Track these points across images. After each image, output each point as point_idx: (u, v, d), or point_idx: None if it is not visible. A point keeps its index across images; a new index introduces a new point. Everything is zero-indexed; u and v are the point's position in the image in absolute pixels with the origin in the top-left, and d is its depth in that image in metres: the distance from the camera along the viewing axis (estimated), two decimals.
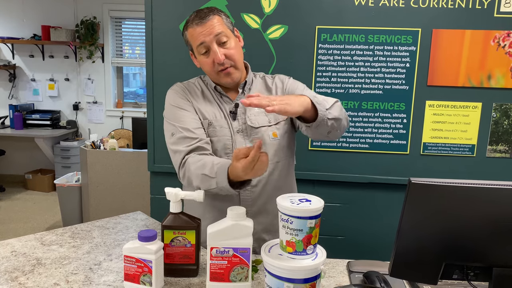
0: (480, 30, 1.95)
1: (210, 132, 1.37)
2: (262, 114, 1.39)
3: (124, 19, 5.17)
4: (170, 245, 1.16)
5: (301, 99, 1.13)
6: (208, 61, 1.34)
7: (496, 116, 2.01)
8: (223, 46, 1.32)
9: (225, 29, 1.33)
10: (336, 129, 1.25)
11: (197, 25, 1.31)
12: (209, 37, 1.31)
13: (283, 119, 1.41)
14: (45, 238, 1.43)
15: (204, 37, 1.31)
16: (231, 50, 1.33)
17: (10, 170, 5.31)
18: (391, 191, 2.05)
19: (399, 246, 0.95)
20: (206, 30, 1.30)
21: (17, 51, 5.21)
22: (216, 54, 1.31)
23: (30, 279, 1.15)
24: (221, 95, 1.42)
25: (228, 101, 1.41)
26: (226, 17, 1.37)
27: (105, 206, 3.37)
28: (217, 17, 1.33)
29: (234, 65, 1.35)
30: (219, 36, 1.31)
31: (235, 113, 1.38)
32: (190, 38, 1.35)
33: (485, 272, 0.95)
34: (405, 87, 2.02)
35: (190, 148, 1.31)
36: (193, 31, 1.33)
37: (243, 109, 1.39)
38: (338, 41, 2.01)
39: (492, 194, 0.88)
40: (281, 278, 0.96)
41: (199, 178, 1.25)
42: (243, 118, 1.38)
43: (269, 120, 1.39)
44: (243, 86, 1.42)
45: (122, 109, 5.26)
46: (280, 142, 1.39)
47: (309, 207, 0.96)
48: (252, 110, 1.39)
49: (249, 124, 1.37)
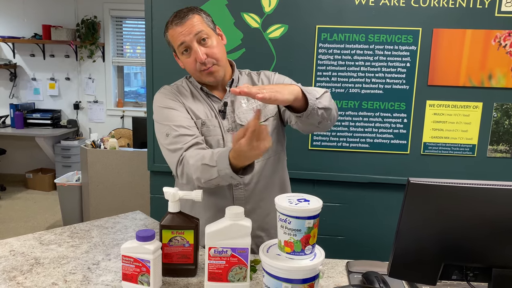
0: (481, 29, 1.94)
1: (204, 132, 1.36)
2: (251, 112, 1.38)
3: (125, 18, 5.17)
4: (168, 245, 1.16)
5: (290, 87, 1.12)
6: (190, 61, 1.32)
7: (497, 116, 2.00)
8: (204, 45, 1.31)
9: (206, 28, 1.32)
10: (326, 119, 1.24)
11: (176, 25, 1.30)
12: (189, 37, 1.29)
13: (272, 114, 1.40)
14: (44, 237, 1.43)
15: (184, 37, 1.30)
16: (212, 48, 1.32)
17: (10, 169, 5.31)
18: (391, 191, 2.05)
19: (398, 246, 0.94)
20: (185, 30, 1.29)
21: (18, 50, 5.21)
22: (197, 53, 1.29)
23: (28, 279, 1.15)
24: (207, 95, 1.40)
25: (216, 100, 1.40)
26: (207, 16, 1.36)
27: (105, 205, 3.37)
28: (197, 16, 1.32)
29: (217, 63, 1.33)
30: (199, 35, 1.30)
31: (224, 112, 1.38)
32: (171, 39, 1.34)
33: (484, 273, 0.94)
34: (405, 87, 2.01)
35: (189, 144, 1.29)
36: (173, 32, 1.31)
37: (232, 108, 1.39)
38: (338, 41, 2.00)
39: (491, 194, 0.88)
40: (279, 278, 0.95)
41: (199, 169, 1.22)
42: (233, 116, 1.38)
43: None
44: (230, 84, 1.41)
45: (123, 108, 5.26)
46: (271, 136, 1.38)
47: (307, 207, 0.95)
48: (241, 108, 1.38)
49: (238, 123, 1.37)
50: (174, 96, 1.40)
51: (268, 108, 1.40)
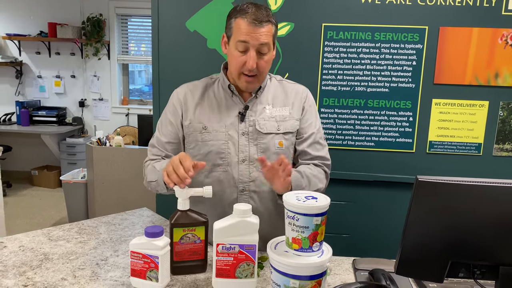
0: (487, 28, 1.93)
1: (203, 137, 1.38)
2: (273, 120, 1.39)
3: (130, 16, 5.18)
4: (179, 243, 1.17)
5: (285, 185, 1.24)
6: (240, 60, 1.31)
7: (503, 114, 2.00)
8: (260, 56, 1.31)
9: (270, 41, 1.31)
10: None
11: (250, 22, 1.26)
12: (254, 42, 1.27)
13: (292, 130, 1.41)
14: (52, 233, 1.44)
15: (250, 39, 1.27)
16: (264, 63, 1.32)
17: (16, 166, 5.34)
18: (396, 190, 2.05)
19: (405, 244, 0.95)
20: (255, 34, 1.27)
21: (24, 48, 5.24)
22: (250, 59, 1.28)
23: (38, 274, 1.16)
24: (232, 94, 1.40)
25: (238, 102, 1.40)
26: (276, 28, 1.34)
27: (110, 203, 3.39)
28: (270, 26, 1.30)
29: (259, 76, 1.34)
30: (263, 47, 1.29)
31: (244, 115, 1.38)
32: (236, 28, 1.30)
33: (491, 271, 0.94)
34: (411, 85, 2.01)
35: (155, 158, 1.44)
36: (243, 25, 1.27)
37: (253, 113, 1.39)
38: (344, 39, 2.00)
39: (498, 192, 0.88)
40: (287, 274, 0.96)
41: (149, 169, 1.40)
42: (251, 121, 1.38)
43: (278, 127, 1.39)
44: (257, 90, 1.41)
45: (128, 106, 5.27)
46: (284, 153, 1.39)
47: (315, 204, 0.96)
48: (263, 114, 1.39)
49: (257, 128, 1.37)
50: (178, 103, 1.42)
51: (290, 124, 1.41)
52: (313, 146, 1.43)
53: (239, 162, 1.36)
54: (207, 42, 2.05)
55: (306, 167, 1.40)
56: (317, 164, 1.44)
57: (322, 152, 1.45)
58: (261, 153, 1.36)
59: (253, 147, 1.37)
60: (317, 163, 1.44)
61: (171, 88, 1.50)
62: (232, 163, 1.36)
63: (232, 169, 1.36)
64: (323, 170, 1.44)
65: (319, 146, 1.45)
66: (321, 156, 1.45)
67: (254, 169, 1.36)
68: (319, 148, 1.45)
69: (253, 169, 1.36)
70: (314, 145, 1.44)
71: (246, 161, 1.36)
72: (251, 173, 1.36)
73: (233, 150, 1.36)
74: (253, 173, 1.36)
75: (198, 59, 2.06)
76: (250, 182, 1.36)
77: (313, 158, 1.44)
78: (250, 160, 1.36)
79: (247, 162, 1.36)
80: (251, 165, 1.36)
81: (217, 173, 1.37)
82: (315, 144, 1.44)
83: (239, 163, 1.36)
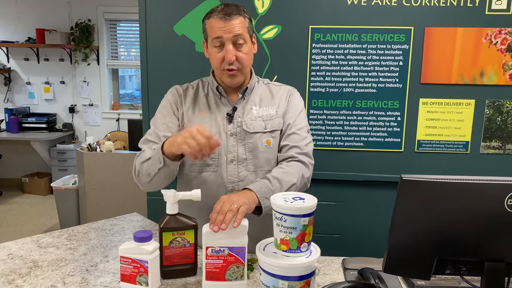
0: (472, 27, 1.96)
1: None
2: (260, 120, 1.40)
3: (119, 21, 5.17)
4: (169, 247, 1.17)
5: (250, 197, 1.20)
6: (218, 56, 1.34)
7: (489, 112, 2.02)
8: (238, 48, 1.33)
9: (245, 33, 1.34)
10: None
11: (220, 19, 1.31)
12: (227, 35, 1.31)
13: (278, 128, 1.42)
14: (42, 240, 1.43)
15: (222, 33, 1.31)
16: (243, 54, 1.34)
17: (6, 173, 5.30)
18: (386, 189, 2.06)
19: (392, 242, 0.96)
20: (227, 28, 1.31)
21: (12, 54, 5.20)
22: (228, 53, 1.31)
23: (27, 282, 1.16)
24: (220, 96, 1.42)
25: (226, 103, 1.42)
26: (250, 21, 1.38)
27: (102, 208, 3.37)
28: (241, 19, 1.33)
29: (241, 69, 1.36)
30: (237, 38, 1.32)
31: (232, 116, 1.39)
32: (209, 29, 1.34)
33: (477, 267, 0.96)
34: (398, 85, 2.03)
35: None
36: (215, 23, 1.32)
37: (241, 113, 1.40)
38: (332, 41, 2.02)
39: (481, 189, 0.89)
40: (275, 276, 0.97)
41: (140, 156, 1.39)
42: (239, 121, 1.39)
43: (265, 126, 1.40)
44: (244, 91, 1.42)
45: (118, 111, 5.26)
46: (272, 151, 1.40)
47: (302, 205, 0.97)
48: (250, 115, 1.40)
49: (244, 128, 1.38)
50: (174, 100, 1.43)
51: (277, 122, 1.42)
52: (291, 137, 1.40)
53: (228, 162, 1.37)
54: (195, 45, 2.06)
55: (276, 168, 1.36)
56: (292, 156, 1.38)
57: (300, 143, 1.39)
58: (249, 152, 1.37)
59: (241, 147, 1.38)
60: (293, 154, 1.38)
61: (160, 91, 1.50)
62: (221, 163, 1.38)
63: (222, 169, 1.37)
64: (298, 162, 1.37)
65: (297, 136, 1.40)
66: (297, 146, 1.39)
67: (243, 169, 1.38)
68: (297, 138, 1.40)
69: (241, 169, 1.38)
70: (291, 136, 1.40)
71: (235, 161, 1.37)
72: (240, 173, 1.37)
73: (222, 151, 1.38)
74: (241, 172, 1.37)
75: (186, 63, 2.07)
76: (239, 182, 1.37)
77: (290, 148, 1.39)
78: (238, 160, 1.38)
79: (235, 162, 1.37)
80: (240, 165, 1.38)
81: (207, 173, 1.38)
82: (292, 135, 1.40)
83: (227, 163, 1.37)
